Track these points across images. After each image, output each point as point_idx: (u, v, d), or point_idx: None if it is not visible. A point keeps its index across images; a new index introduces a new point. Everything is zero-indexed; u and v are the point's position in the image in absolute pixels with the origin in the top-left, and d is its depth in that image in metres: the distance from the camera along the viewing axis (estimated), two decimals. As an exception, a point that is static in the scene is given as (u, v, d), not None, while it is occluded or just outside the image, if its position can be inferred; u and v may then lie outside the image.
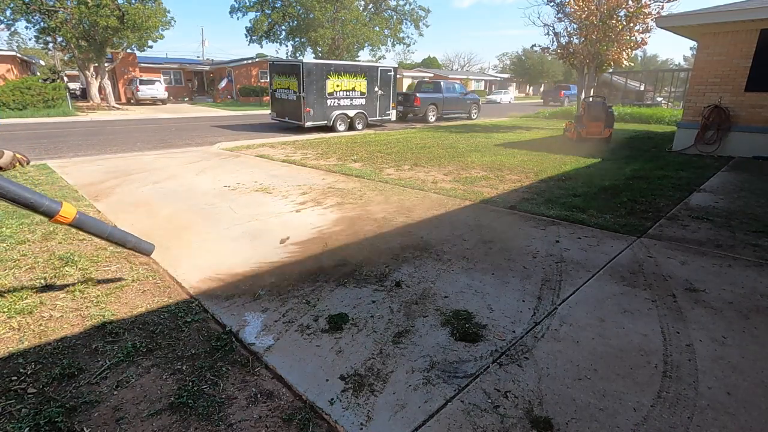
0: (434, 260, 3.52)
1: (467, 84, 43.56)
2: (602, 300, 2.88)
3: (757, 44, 8.50)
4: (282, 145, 10.38)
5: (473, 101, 20.13)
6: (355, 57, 29.04)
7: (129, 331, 2.48)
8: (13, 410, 1.86)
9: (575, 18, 15.96)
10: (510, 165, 7.82)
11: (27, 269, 3.25)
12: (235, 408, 1.91)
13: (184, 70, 34.62)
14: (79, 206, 4.90)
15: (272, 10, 26.74)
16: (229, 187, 5.99)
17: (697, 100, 9.45)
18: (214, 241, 3.93)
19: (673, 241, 3.99)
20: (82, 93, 27.23)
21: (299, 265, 3.41)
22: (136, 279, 3.14)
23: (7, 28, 20.00)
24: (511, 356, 2.28)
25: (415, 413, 1.88)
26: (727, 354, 2.31)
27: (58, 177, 6.44)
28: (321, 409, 1.89)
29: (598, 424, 1.83)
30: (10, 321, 2.54)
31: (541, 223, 4.52)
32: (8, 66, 22.60)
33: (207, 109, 24.26)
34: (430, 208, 5.02)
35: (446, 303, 2.83)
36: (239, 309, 2.73)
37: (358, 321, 2.60)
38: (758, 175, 7.22)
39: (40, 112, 17.34)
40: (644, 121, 17.90)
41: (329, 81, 13.48)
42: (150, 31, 20.48)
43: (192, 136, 12.71)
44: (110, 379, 2.08)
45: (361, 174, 6.87)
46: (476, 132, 13.94)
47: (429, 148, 9.86)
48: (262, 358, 2.24)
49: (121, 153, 9.21)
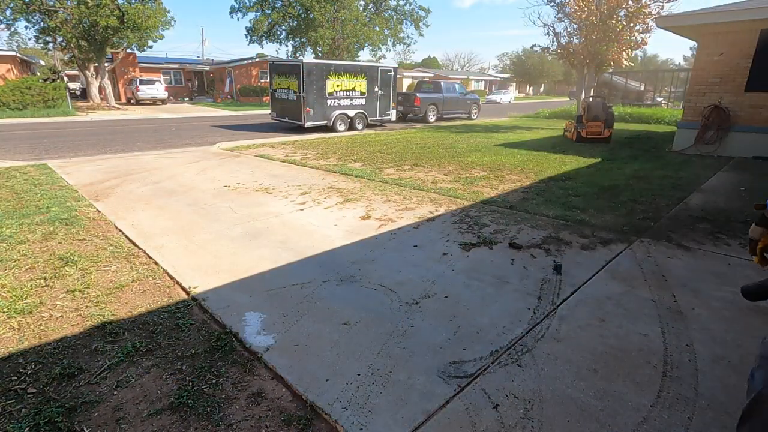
0: (435, 263, 3.52)
1: (467, 84, 43.55)
2: (602, 300, 2.88)
3: (757, 44, 8.50)
4: (282, 145, 10.38)
5: (473, 101, 20.13)
6: (356, 57, 29.02)
7: (129, 331, 2.48)
8: (13, 410, 1.87)
9: (575, 18, 15.96)
10: (510, 165, 7.82)
11: (27, 269, 3.25)
12: (235, 408, 1.91)
13: (184, 70, 34.62)
14: (79, 206, 4.90)
15: (272, 10, 26.69)
16: (229, 187, 5.99)
17: (697, 100, 9.45)
18: (214, 240, 3.93)
19: (673, 241, 3.99)
20: (82, 93, 27.24)
21: (300, 264, 3.41)
22: (136, 279, 3.14)
23: (7, 28, 20.01)
24: (512, 356, 2.28)
25: (414, 413, 1.88)
26: (727, 354, 2.31)
27: (58, 177, 6.44)
28: (321, 409, 1.89)
29: (598, 424, 1.83)
30: (10, 321, 2.54)
31: (541, 222, 4.52)
32: (8, 66, 22.59)
33: (207, 109, 24.26)
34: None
35: (447, 299, 2.83)
36: (239, 309, 2.73)
37: (359, 321, 2.60)
38: (758, 175, 7.21)
39: (40, 112, 17.35)
40: (644, 121, 17.89)
41: (329, 81, 13.48)
42: (150, 31, 20.47)
43: (192, 136, 12.70)
44: (110, 379, 2.08)
45: (361, 174, 6.87)
46: (476, 132, 13.94)
47: (429, 148, 9.86)
48: (262, 358, 2.24)
49: (121, 153, 9.21)
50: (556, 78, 55.80)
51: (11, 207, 4.79)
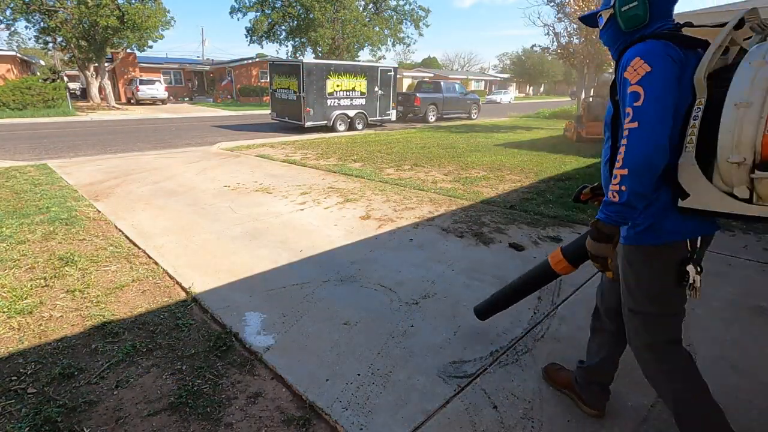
0: (435, 263, 3.52)
1: (467, 84, 43.54)
2: (602, 300, 2.88)
3: (757, 44, 8.50)
4: (282, 145, 10.38)
5: (473, 101, 20.13)
6: (355, 57, 29.01)
7: (129, 331, 2.48)
8: (13, 410, 1.86)
9: (575, 18, 15.96)
10: (510, 165, 7.82)
11: (27, 269, 3.25)
12: (235, 408, 1.91)
13: (184, 70, 34.61)
14: (79, 206, 4.90)
15: (272, 11, 26.68)
16: (229, 187, 5.99)
17: (697, 100, 9.44)
18: (214, 240, 3.93)
19: (673, 241, 3.98)
20: (82, 93, 27.22)
21: (300, 264, 3.41)
22: (136, 279, 3.14)
23: (7, 28, 20.01)
24: (511, 356, 2.28)
25: (414, 413, 1.88)
26: (727, 354, 2.31)
27: (58, 177, 6.44)
28: (321, 409, 1.89)
29: (599, 424, 1.83)
30: (10, 321, 2.54)
31: (541, 222, 4.52)
32: (8, 66, 22.57)
33: (207, 109, 24.26)
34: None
35: (447, 299, 2.83)
36: (239, 309, 2.73)
37: (359, 321, 2.60)
38: (758, 175, 7.21)
39: (40, 112, 17.35)
40: (644, 121, 17.84)
41: (329, 81, 13.48)
42: (150, 31, 20.46)
43: (192, 136, 12.71)
44: (110, 379, 2.08)
45: (361, 174, 6.87)
46: (476, 132, 13.94)
47: (429, 148, 9.86)
48: (262, 358, 2.24)
49: (121, 153, 9.21)
50: (556, 78, 55.79)
51: (11, 207, 4.79)
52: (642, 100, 1.24)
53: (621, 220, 1.30)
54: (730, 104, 1.15)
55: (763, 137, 1.11)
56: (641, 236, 1.40)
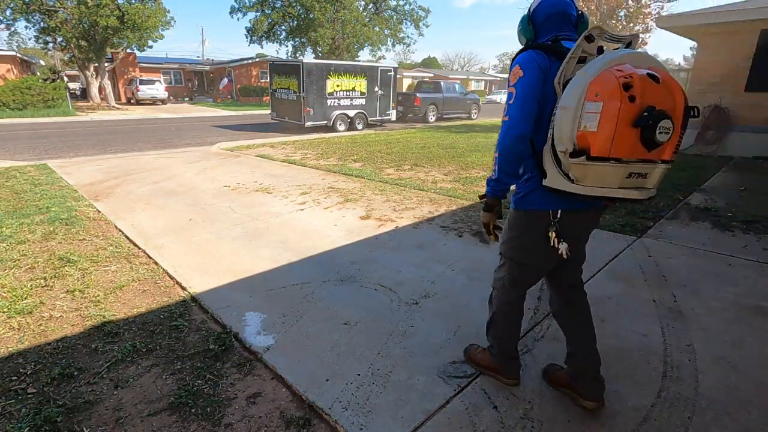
0: (435, 263, 3.52)
1: (467, 84, 43.51)
2: (602, 300, 2.88)
3: (756, 44, 8.50)
4: (282, 145, 10.38)
5: (473, 101, 20.13)
6: (355, 57, 29.03)
7: (129, 331, 2.48)
8: (13, 410, 1.87)
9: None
10: (510, 165, 7.80)
11: (27, 269, 3.25)
12: (235, 408, 1.91)
13: (184, 70, 34.61)
14: (79, 206, 4.90)
15: (272, 11, 26.69)
16: (229, 187, 5.99)
17: (697, 100, 9.43)
18: (214, 240, 3.93)
19: (673, 241, 3.99)
20: (82, 93, 27.23)
21: (300, 264, 3.41)
22: (136, 279, 3.14)
23: (7, 28, 20.02)
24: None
25: (414, 413, 1.88)
26: (727, 354, 2.31)
27: (58, 177, 6.44)
28: (321, 409, 1.89)
29: (599, 424, 1.83)
30: (10, 321, 2.54)
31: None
32: (8, 66, 22.57)
33: (207, 109, 24.27)
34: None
35: (447, 299, 2.83)
36: (239, 309, 2.73)
37: (359, 321, 2.60)
38: (758, 175, 7.21)
39: (40, 112, 17.35)
40: (644, 121, 17.86)
41: (329, 81, 13.48)
42: (150, 31, 20.46)
43: (192, 136, 12.71)
44: (110, 379, 2.08)
45: (361, 174, 6.87)
46: (476, 132, 13.94)
47: (429, 148, 9.86)
48: (261, 358, 2.24)
49: (121, 153, 9.21)
50: (556, 78, 55.67)
51: (11, 207, 4.79)
52: (513, 98, 1.58)
53: (497, 193, 1.71)
54: (559, 106, 1.46)
55: (577, 132, 1.40)
56: (518, 203, 1.76)
